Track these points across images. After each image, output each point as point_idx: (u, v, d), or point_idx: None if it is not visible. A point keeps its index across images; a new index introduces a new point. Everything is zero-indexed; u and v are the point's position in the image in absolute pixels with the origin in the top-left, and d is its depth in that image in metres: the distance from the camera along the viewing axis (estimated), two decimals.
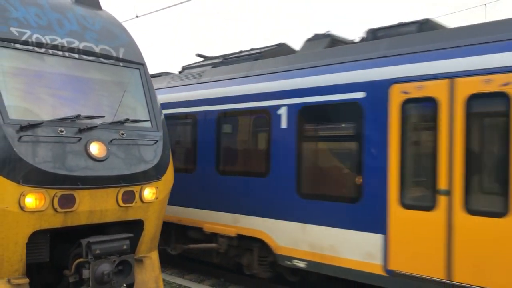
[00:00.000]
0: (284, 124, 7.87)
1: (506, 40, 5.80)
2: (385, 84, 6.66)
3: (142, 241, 6.13)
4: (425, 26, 7.21)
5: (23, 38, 5.46)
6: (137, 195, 5.81)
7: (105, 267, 5.29)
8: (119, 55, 6.35)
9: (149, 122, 6.27)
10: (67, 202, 5.15)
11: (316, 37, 8.74)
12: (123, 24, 7.50)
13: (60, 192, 5.07)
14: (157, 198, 6.07)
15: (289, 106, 7.80)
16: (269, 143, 8.07)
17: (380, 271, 6.68)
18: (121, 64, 6.36)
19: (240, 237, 8.52)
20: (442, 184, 6.14)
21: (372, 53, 7.06)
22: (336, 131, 7.39)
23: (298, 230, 7.65)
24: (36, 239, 5.25)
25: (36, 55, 5.55)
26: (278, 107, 7.95)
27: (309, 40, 8.82)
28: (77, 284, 5.37)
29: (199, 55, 11.92)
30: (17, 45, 5.41)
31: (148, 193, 5.95)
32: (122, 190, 5.64)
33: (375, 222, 6.72)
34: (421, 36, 6.80)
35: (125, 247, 5.56)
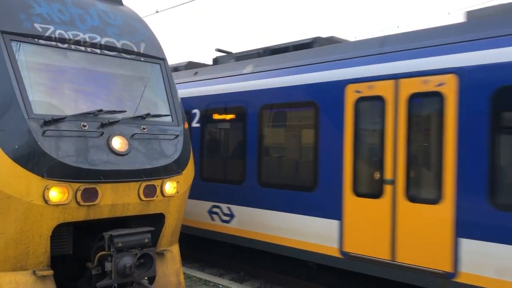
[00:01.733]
0: None
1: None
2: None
3: (163, 235, 6.18)
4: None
5: (47, 34, 5.53)
6: (158, 189, 5.86)
7: (127, 260, 5.35)
8: (140, 50, 6.39)
9: (169, 117, 6.30)
10: (90, 195, 5.22)
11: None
12: (144, 19, 7.54)
13: (83, 186, 5.15)
14: (178, 192, 6.11)
15: None
16: None
17: None
18: (142, 59, 6.40)
19: None
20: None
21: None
22: None
23: None
24: (59, 232, 5.34)
25: (59, 50, 5.62)
26: None
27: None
28: (99, 276, 5.45)
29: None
30: (41, 41, 5.48)
31: (169, 187, 5.99)
32: (144, 184, 5.69)
33: None
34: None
35: (146, 240, 5.62)
